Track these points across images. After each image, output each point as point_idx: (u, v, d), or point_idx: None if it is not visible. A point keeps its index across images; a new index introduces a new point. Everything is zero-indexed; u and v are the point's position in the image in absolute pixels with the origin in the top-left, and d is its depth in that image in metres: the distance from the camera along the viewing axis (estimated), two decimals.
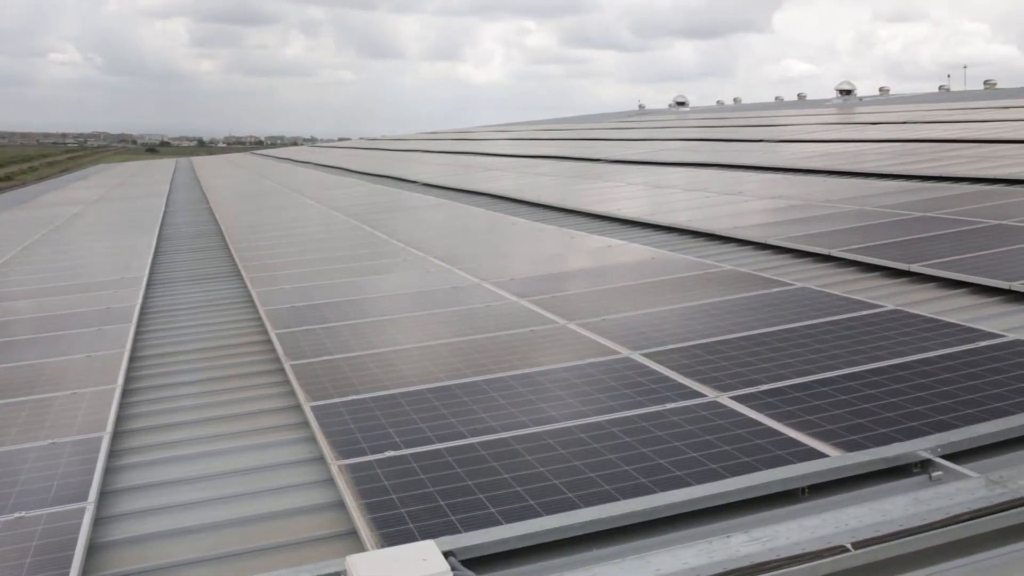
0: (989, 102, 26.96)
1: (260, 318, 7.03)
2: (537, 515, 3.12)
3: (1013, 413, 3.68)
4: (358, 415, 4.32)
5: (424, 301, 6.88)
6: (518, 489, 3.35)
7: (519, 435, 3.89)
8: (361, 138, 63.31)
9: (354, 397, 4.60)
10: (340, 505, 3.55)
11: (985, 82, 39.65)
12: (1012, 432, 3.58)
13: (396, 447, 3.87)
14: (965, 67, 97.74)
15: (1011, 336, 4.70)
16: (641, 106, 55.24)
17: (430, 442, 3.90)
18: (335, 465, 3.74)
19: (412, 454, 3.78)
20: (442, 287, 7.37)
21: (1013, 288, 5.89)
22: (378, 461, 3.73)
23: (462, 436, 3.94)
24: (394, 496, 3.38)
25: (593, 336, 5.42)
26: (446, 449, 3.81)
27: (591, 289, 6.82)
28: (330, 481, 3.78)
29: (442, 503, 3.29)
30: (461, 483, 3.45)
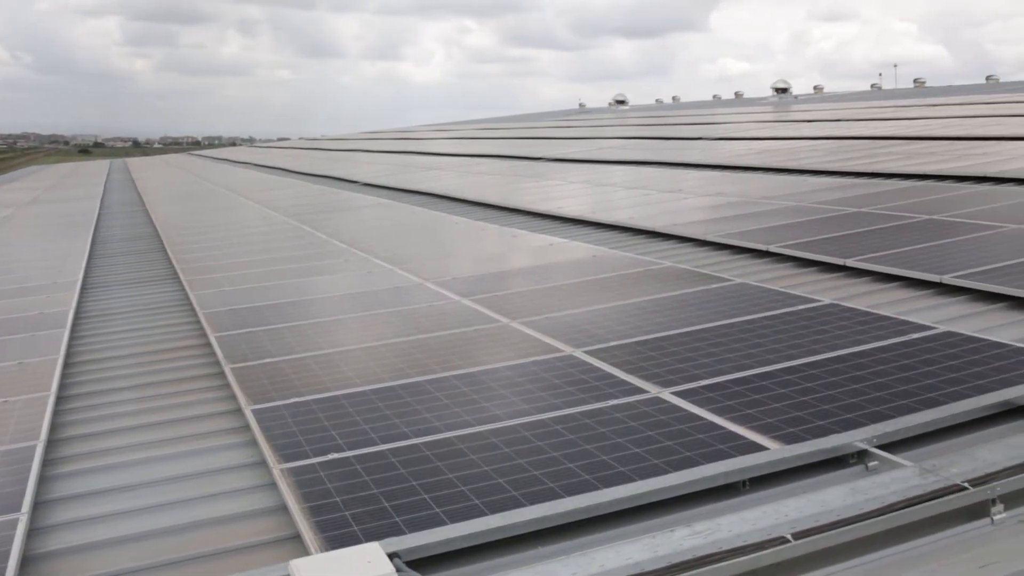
0: (919, 100, 27.61)
1: (199, 321, 6.92)
2: (482, 514, 3.12)
3: (944, 403, 3.78)
4: (300, 417, 4.28)
5: (366, 302, 6.84)
6: (463, 489, 3.35)
7: (463, 434, 3.89)
8: (301, 138, 62.69)
9: (296, 399, 4.56)
10: (283, 509, 3.51)
11: (915, 80, 40.61)
12: (944, 421, 3.67)
13: (339, 449, 3.84)
14: (896, 66, 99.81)
15: (942, 328, 4.82)
16: (581, 105, 55.58)
17: (374, 443, 3.88)
18: (277, 469, 3.70)
19: (356, 456, 3.76)
20: (384, 287, 7.34)
21: (944, 281, 6.04)
22: (321, 464, 3.70)
23: (406, 437, 3.92)
24: (338, 499, 3.36)
25: (536, 334, 5.44)
26: (390, 450, 3.79)
27: (534, 288, 6.84)
28: (272, 485, 3.73)
29: (386, 504, 3.28)
30: (405, 484, 3.44)
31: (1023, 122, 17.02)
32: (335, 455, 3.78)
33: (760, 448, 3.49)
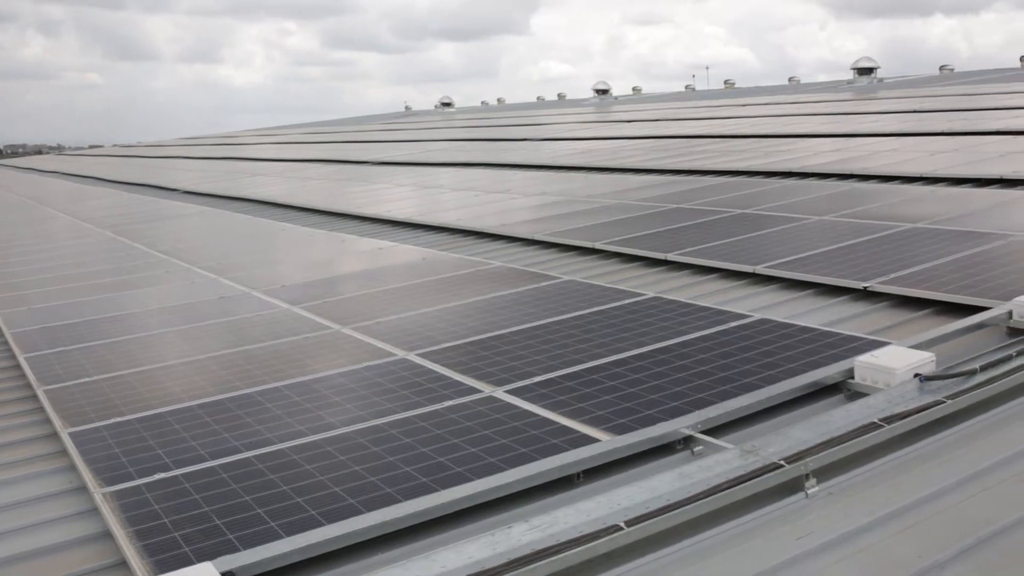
0: (729, 100, 29.01)
1: (6, 342, 6.48)
2: (319, 525, 3.07)
3: (761, 387, 3.99)
4: (123, 438, 4.08)
5: (190, 314, 6.59)
6: (298, 500, 3.29)
7: (297, 445, 3.81)
8: (115, 145, 59.71)
9: (117, 420, 4.34)
10: (108, 535, 3.34)
11: (725, 82, 42.64)
12: (761, 404, 3.88)
13: (166, 468, 3.69)
14: (707, 68, 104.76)
15: (757, 316, 5.09)
16: (407, 107, 55.42)
17: (203, 460, 3.75)
18: (99, 493, 3.51)
19: (184, 474, 3.62)
20: (209, 298, 7.09)
21: (757, 272, 6.38)
22: (147, 485, 3.54)
23: (237, 451, 3.81)
24: (166, 520, 3.22)
25: (368, 339, 5.39)
26: (220, 466, 3.67)
27: (364, 292, 6.78)
28: (95, 511, 3.54)
29: (218, 522, 3.17)
30: (238, 499, 3.34)
31: (822, 121, 18.18)
32: (162, 475, 3.62)
33: (592, 440, 3.58)
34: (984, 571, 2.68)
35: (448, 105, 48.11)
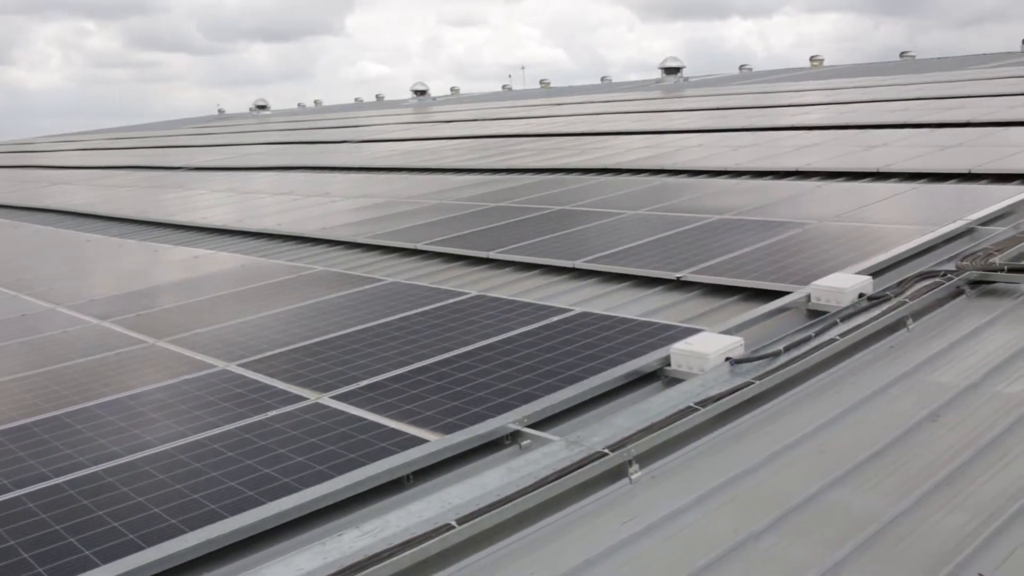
0: (545, 99, 29.64)
1: None
2: (139, 549, 2.93)
3: (584, 378, 4.10)
4: None
5: None
6: (115, 525, 3.12)
7: (112, 467, 3.62)
8: None
9: None
10: None
11: (541, 81, 43.54)
12: (585, 395, 3.98)
13: None
14: (523, 68, 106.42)
15: (578, 309, 5.22)
16: (221, 111, 53.72)
17: (6, 490, 3.50)
18: None
19: None
20: (9, 316, 6.64)
21: (577, 266, 6.55)
22: None
23: (45, 478, 3.58)
24: None
25: (186, 352, 5.19)
26: (26, 495, 3.44)
27: (181, 303, 6.52)
28: None
29: (26, 556, 2.98)
30: (48, 529, 3.14)
31: (634, 119, 18.85)
32: None
33: (421, 441, 3.58)
34: (794, 538, 2.85)
35: (264, 108, 46.95)
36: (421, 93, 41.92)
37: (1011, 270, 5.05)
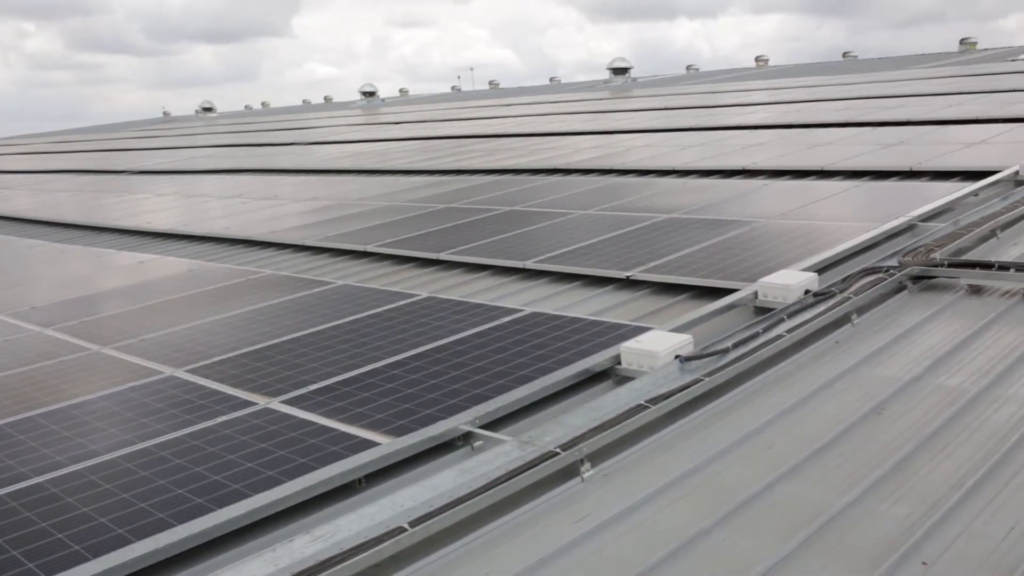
0: (495, 100, 29.66)
1: None
2: (84, 560, 2.88)
3: (536, 378, 4.11)
4: None
5: None
6: (59, 536, 3.06)
7: (56, 477, 3.55)
8: None
9: None
10: None
11: (490, 82, 43.59)
12: (536, 395, 3.99)
13: None
14: (472, 69, 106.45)
15: (528, 310, 5.23)
16: (166, 113, 53.02)
17: None
18: None
19: None
20: None
21: (527, 267, 6.56)
22: None
23: None
24: None
25: (132, 359, 5.11)
26: None
27: (126, 309, 6.41)
28: None
29: None
30: None
31: (583, 119, 18.94)
32: None
33: (373, 444, 3.56)
34: (745, 531, 2.88)
35: (210, 110, 46.42)
36: (370, 95, 41.71)
37: (951, 265, 5.16)
